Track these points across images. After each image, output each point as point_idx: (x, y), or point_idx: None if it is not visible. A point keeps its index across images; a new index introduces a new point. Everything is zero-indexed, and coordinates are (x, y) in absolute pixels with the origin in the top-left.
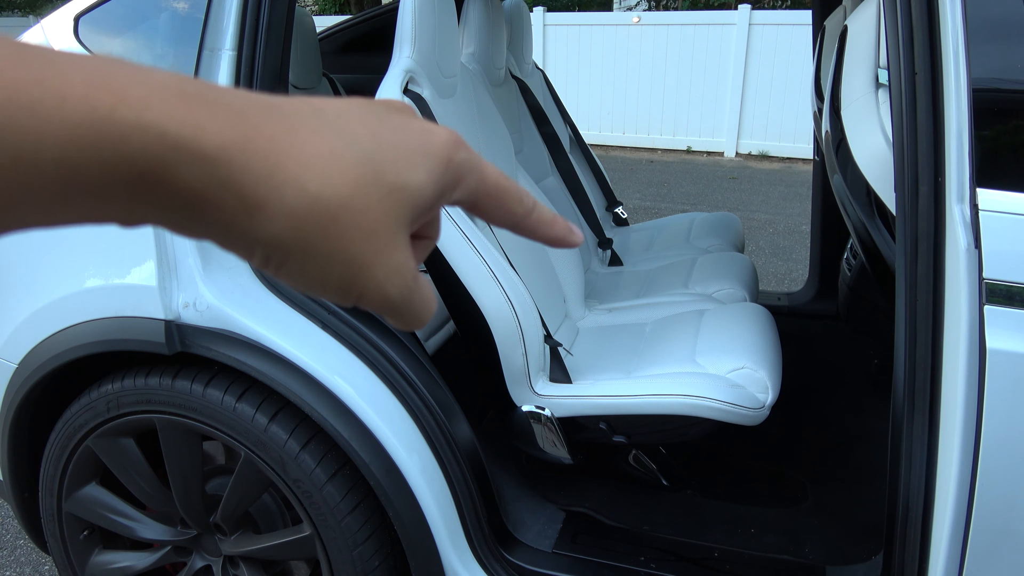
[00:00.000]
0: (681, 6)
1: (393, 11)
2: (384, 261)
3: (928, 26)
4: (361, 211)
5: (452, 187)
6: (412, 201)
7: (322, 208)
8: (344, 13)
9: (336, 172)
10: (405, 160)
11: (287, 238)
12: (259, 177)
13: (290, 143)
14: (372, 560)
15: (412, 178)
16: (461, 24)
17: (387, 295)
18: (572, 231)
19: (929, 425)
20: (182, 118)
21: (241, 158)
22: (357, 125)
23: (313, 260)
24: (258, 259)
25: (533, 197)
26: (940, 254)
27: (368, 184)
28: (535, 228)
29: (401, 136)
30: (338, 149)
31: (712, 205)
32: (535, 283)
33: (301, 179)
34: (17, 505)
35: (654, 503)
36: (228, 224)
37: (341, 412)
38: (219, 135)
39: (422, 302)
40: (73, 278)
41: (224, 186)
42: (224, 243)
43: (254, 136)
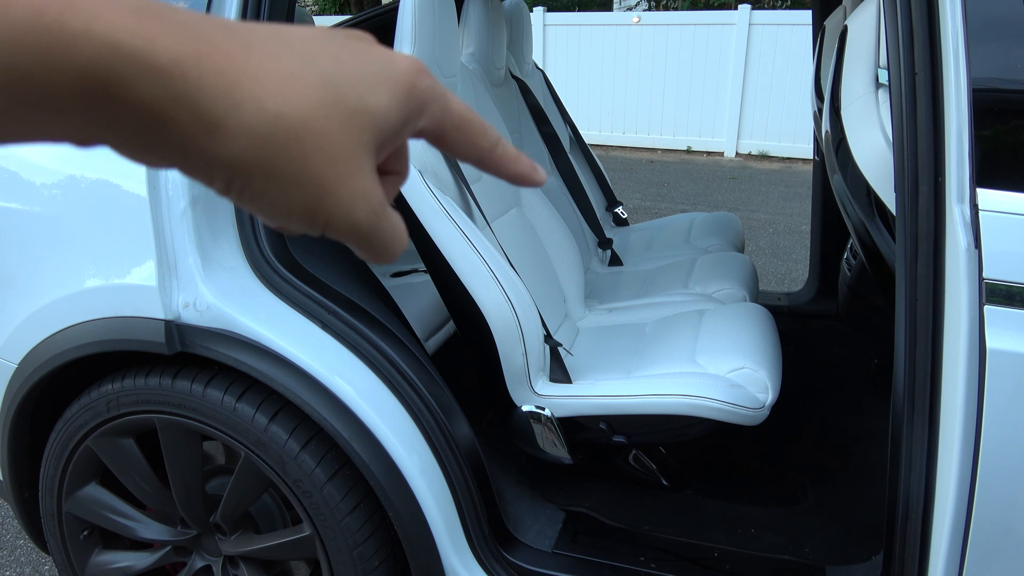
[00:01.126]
0: (681, 6)
1: (393, 11)
2: (349, 185)
3: (928, 26)
4: (323, 132)
5: (417, 114)
6: (375, 124)
7: (283, 127)
8: (344, 13)
9: (296, 92)
10: (367, 84)
11: (248, 159)
12: (216, 94)
13: (247, 61)
14: (372, 560)
15: (374, 101)
16: (461, 24)
17: (355, 220)
18: (535, 168)
19: (929, 425)
20: (134, 29)
21: (196, 73)
22: (318, 49)
23: (276, 183)
24: (220, 183)
25: (497, 132)
26: (940, 254)
27: (329, 105)
28: (499, 163)
29: (363, 61)
30: (297, 70)
31: (712, 205)
32: (535, 283)
33: (259, 97)
34: (17, 505)
35: (654, 503)
36: (186, 144)
37: (341, 412)
38: (172, 49)
39: (392, 231)
40: (73, 278)
41: (179, 102)
42: (184, 166)
43: (210, 52)
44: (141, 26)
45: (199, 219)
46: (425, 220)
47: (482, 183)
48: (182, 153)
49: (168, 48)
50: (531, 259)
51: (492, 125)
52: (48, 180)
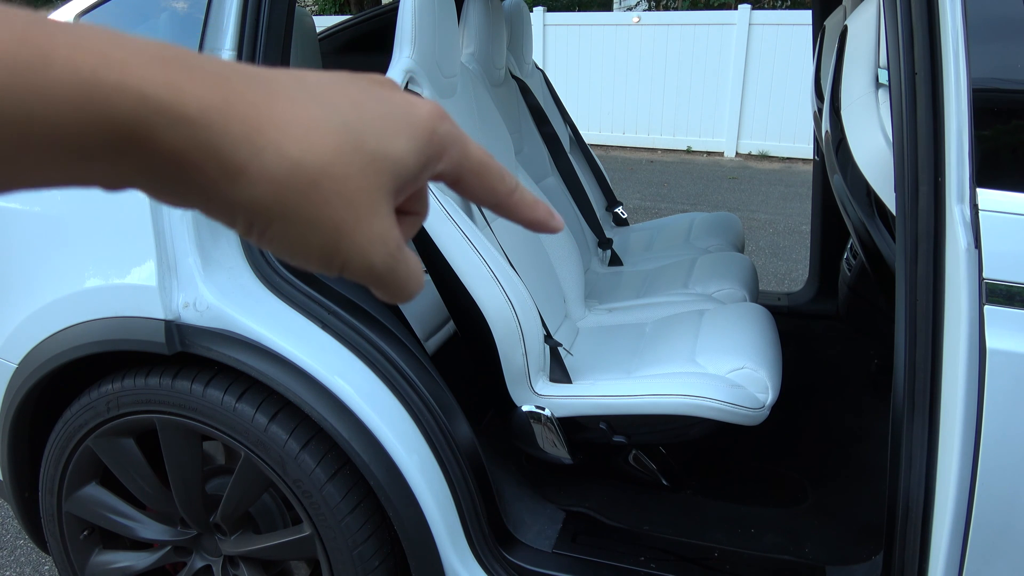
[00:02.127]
0: (681, 6)
1: (393, 11)
2: (366, 229)
3: (928, 26)
4: (342, 178)
5: (436, 159)
6: (394, 170)
7: (302, 174)
8: (344, 13)
9: (316, 138)
10: (386, 129)
11: (268, 203)
12: (239, 141)
13: (270, 108)
14: (372, 560)
15: (393, 147)
16: (461, 24)
17: (371, 263)
18: (552, 215)
19: (929, 425)
20: (163, 80)
21: (221, 121)
22: (338, 95)
23: (295, 227)
24: (241, 225)
25: (515, 177)
26: (940, 254)
27: (348, 152)
28: (517, 208)
29: (383, 106)
30: (318, 117)
31: (712, 205)
32: (535, 283)
33: (281, 144)
34: (17, 505)
35: (654, 503)
36: (210, 189)
37: (341, 412)
38: (199, 98)
39: (408, 273)
40: (73, 278)
41: (204, 149)
42: (207, 209)
43: (234, 101)
44: (170, 77)
45: (199, 219)
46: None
47: None
48: (205, 196)
49: (196, 98)
50: (531, 259)
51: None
52: None
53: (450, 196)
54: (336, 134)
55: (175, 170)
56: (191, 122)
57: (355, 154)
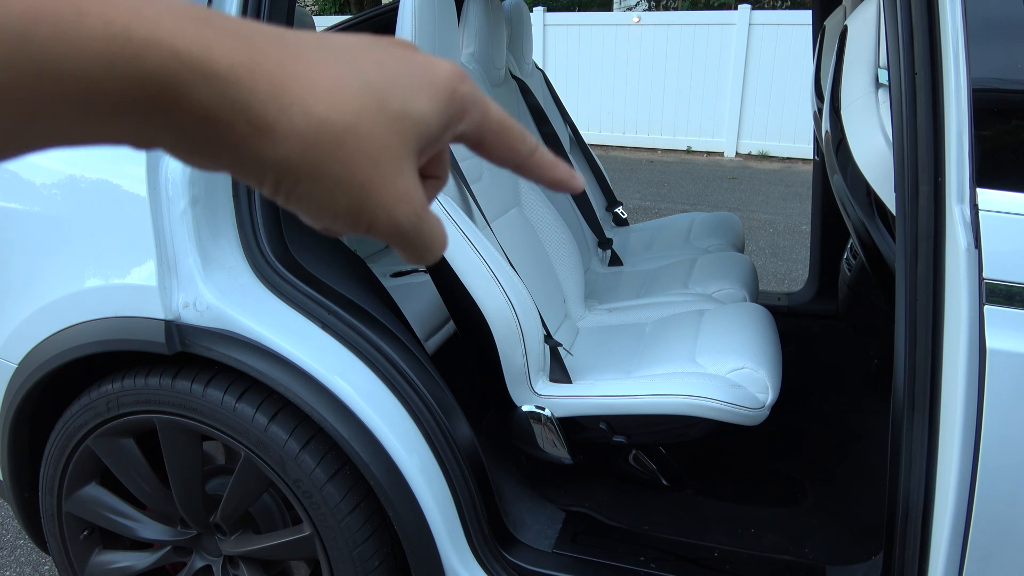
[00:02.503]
0: (681, 6)
1: (393, 11)
2: (391, 187)
3: (928, 26)
4: (367, 136)
5: (457, 119)
6: (417, 129)
7: (328, 131)
8: (344, 13)
9: (341, 98)
10: (409, 89)
11: (296, 161)
12: (267, 98)
13: (295, 68)
14: (372, 560)
15: (416, 106)
16: (461, 24)
17: (397, 222)
18: (573, 174)
19: (929, 425)
20: (193, 37)
21: (249, 79)
22: (362, 55)
23: (322, 185)
24: (269, 185)
25: (535, 139)
26: (940, 254)
27: (372, 111)
28: (538, 169)
29: (404, 67)
30: (343, 76)
31: (712, 205)
32: (535, 283)
33: (307, 102)
34: (17, 505)
35: (654, 503)
36: (239, 148)
37: (341, 412)
38: (228, 56)
39: (432, 233)
40: (73, 278)
41: (234, 106)
42: (236, 169)
43: (261, 59)
44: (200, 34)
45: (199, 219)
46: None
47: (482, 183)
48: (234, 156)
49: (224, 55)
50: (531, 259)
51: None
52: (48, 180)
53: (450, 196)
54: (360, 93)
55: (205, 128)
56: (220, 79)
57: (379, 113)
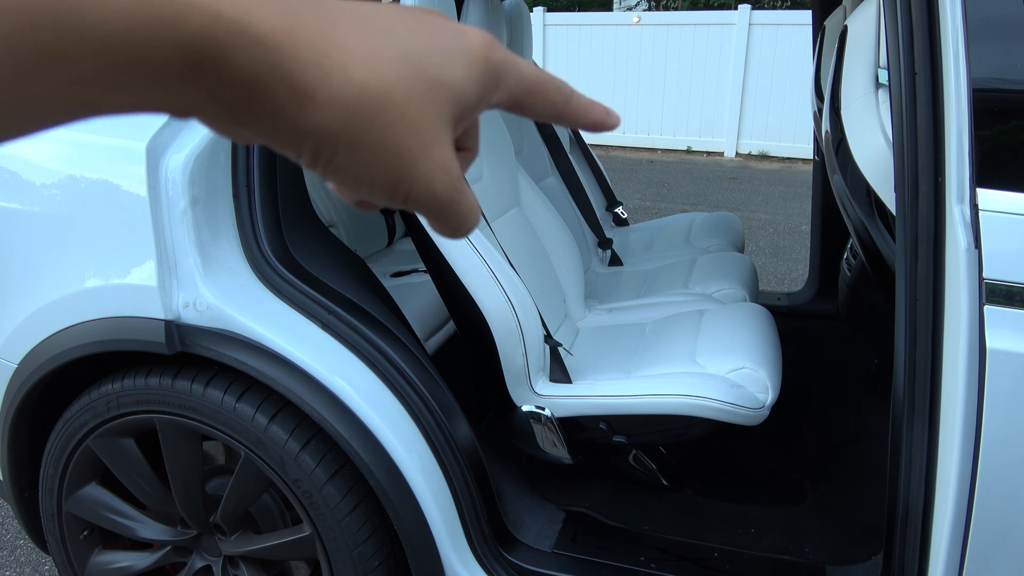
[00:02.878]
0: (681, 6)
1: None
2: (429, 157)
3: (928, 26)
4: (405, 104)
5: (492, 87)
6: (454, 98)
7: (368, 98)
8: None
9: (380, 64)
10: (444, 58)
11: (336, 129)
12: (307, 64)
13: (334, 34)
14: (372, 560)
15: (452, 75)
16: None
17: (435, 192)
18: (609, 112)
19: (929, 425)
20: (234, 1)
21: (289, 44)
22: (397, 23)
23: (361, 154)
24: (308, 154)
25: (567, 83)
26: (940, 254)
27: (410, 79)
28: (576, 114)
29: (438, 36)
30: (381, 43)
31: (712, 205)
32: (535, 283)
33: (347, 68)
34: (17, 505)
35: (654, 503)
36: (278, 114)
37: (341, 412)
38: (269, 21)
39: (468, 205)
40: (73, 278)
41: (274, 72)
42: (274, 137)
43: (301, 24)
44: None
45: (199, 219)
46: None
47: (482, 183)
48: (273, 124)
49: (265, 20)
50: (531, 259)
51: (558, 77)
52: (48, 180)
53: None
54: (398, 61)
55: (245, 94)
56: (262, 43)
57: (417, 81)
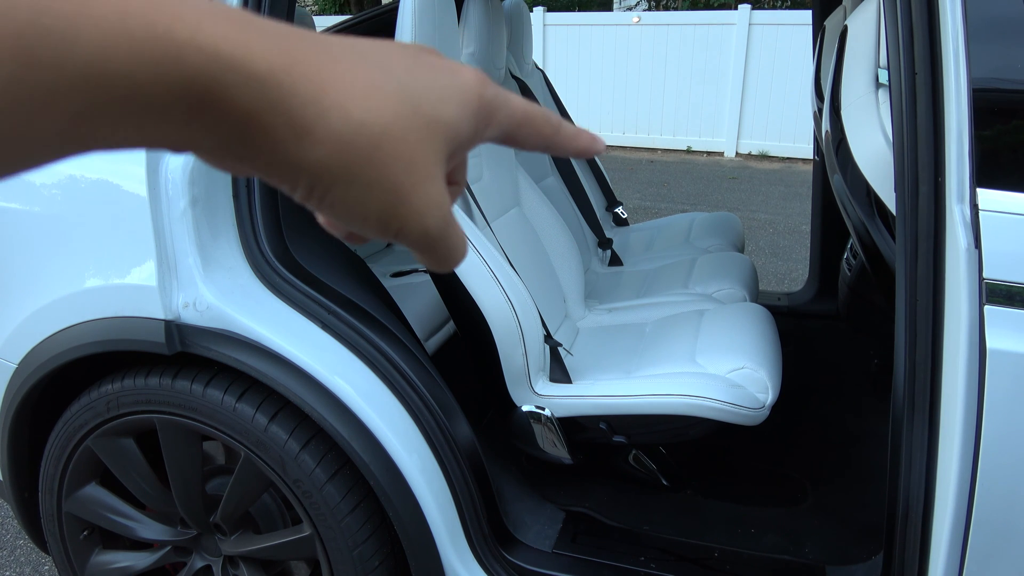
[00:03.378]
0: (681, 6)
1: (393, 11)
2: (423, 192)
3: (928, 26)
4: (401, 141)
5: (485, 124)
6: (448, 135)
7: (366, 135)
8: (344, 13)
9: (377, 101)
10: (440, 95)
11: (332, 164)
12: (306, 101)
13: (332, 71)
14: (372, 560)
15: (447, 112)
16: (461, 24)
17: (426, 227)
18: (595, 138)
19: (929, 425)
20: (234, 39)
21: (288, 81)
22: (394, 61)
23: (356, 189)
24: (302, 189)
25: (556, 114)
26: (940, 254)
27: (407, 115)
28: (564, 144)
29: (434, 74)
30: (378, 80)
31: (712, 205)
32: (535, 283)
33: (346, 105)
34: (17, 505)
35: (654, 503)
36: (275, 150)
37: (341, 412)
38: (267, 58)
39: (457, 238)
40: (73, 278)
41: (274, 108)
42: (269, 172)
43: (300, 61)
44: (240, 36)
45: (199, 219)
46: None
47: (482, 183)
48: (269, 159)
49: (264, 57)
50: (531, 259)
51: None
52: (48, 180)
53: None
54: (395, 98)
55: (243, 130)
56: (261, 81)
57: (413, 118)
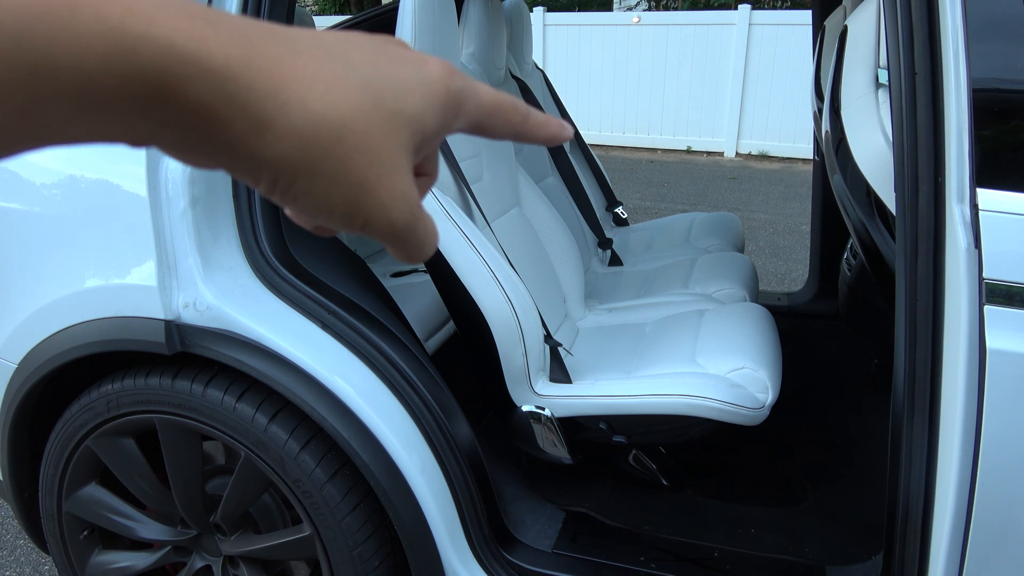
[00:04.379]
0: (681, 6)
1: (393, 11)
2: (388, 185)
3: (928, 26)
4: (364, 134)
5: (453, 115)
6: (413, 127)
7: (327, 128)
8: (344, 13)
9: (338, 94)
10: (403, 87)
11: (293, 158)
12: (264, 95)
13: (292, 64)
14: (372, 560)
15: (411, 104)
16: (461, 24)
17: (392, 220)
18: (563, 125)
19: (929, 425)
20: (188, 32)
21: (246, 74)
22: (356, 53)
23: (319, 183)
24: (265, 182)
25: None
26: (940, 254)
27: (369, 108)
28: (533, 131)
29: (398, 65)
30: (339, 73)
31: (712, 205)
32: (535, 283)
33: (305, 99)
34: (17, 505)
35: (654, 503)
36: (236, 144)
37: (341, 412)
38: (224, 51)
39: (426, 232)
40: (73, 278)
41: (231, 102)
42: (232, 166)
43: (258, 55)
44: (195, 30)
45: (199, 219)
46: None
47: (482, 183)
48: (231, 153)
49: (221, 51)
50: (531, 259)
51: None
52: (48, 180)
53: (450, 196)
54: (357, 91)
55: (202, 124)
56: (217, 74)
57: (375, 111)
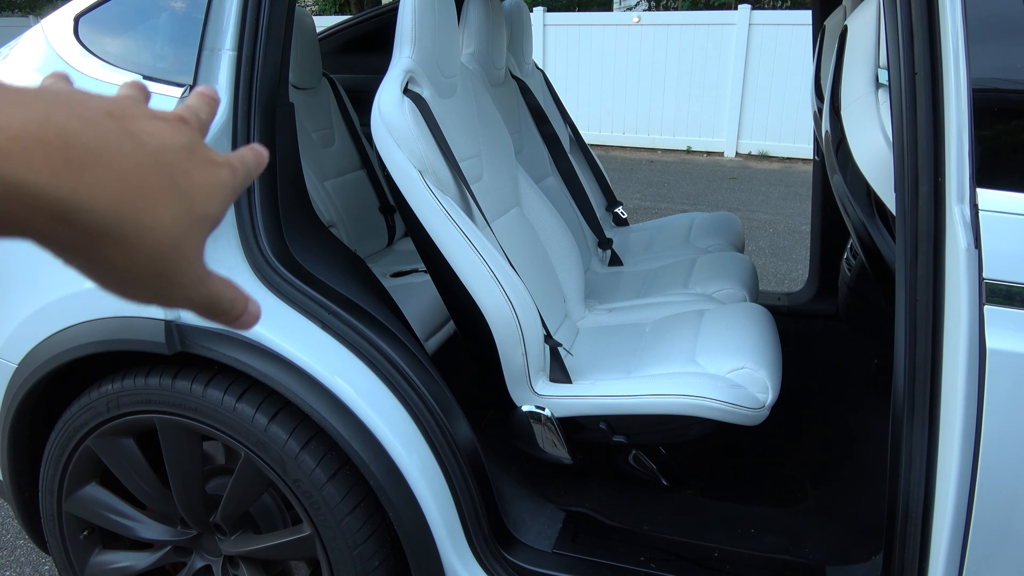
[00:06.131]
0: (681, 6)
1: (393, 11)
2: (188, 273)
3: (928, 26)
4: (180, 239)
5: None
6: (213, 225)
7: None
8: (344, 13)
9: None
10: (208, 194)
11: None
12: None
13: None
14: (372, 560)
15: (214, 208)
16: (461, 24)
17: (190, 297)
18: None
19: (929, 425)
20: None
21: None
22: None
23: (134, 274)
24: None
25: None
26: (940, 254)
27: (186, 220)
28: None
29: (202, 171)
30: (163, 186)
31: (712, 205)
32: (535, 283)
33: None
34: (17, 505)
35: (654, 503)
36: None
37: (341, 412)
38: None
39: (228, 300)
40: (73, 278)
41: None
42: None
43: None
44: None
45: None
46: (425, 220)
47: (482, 183)
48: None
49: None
50: (531, 259)
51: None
52: None
53: (450, 196)
54: (176, 204)
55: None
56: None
57: (190, 222)
